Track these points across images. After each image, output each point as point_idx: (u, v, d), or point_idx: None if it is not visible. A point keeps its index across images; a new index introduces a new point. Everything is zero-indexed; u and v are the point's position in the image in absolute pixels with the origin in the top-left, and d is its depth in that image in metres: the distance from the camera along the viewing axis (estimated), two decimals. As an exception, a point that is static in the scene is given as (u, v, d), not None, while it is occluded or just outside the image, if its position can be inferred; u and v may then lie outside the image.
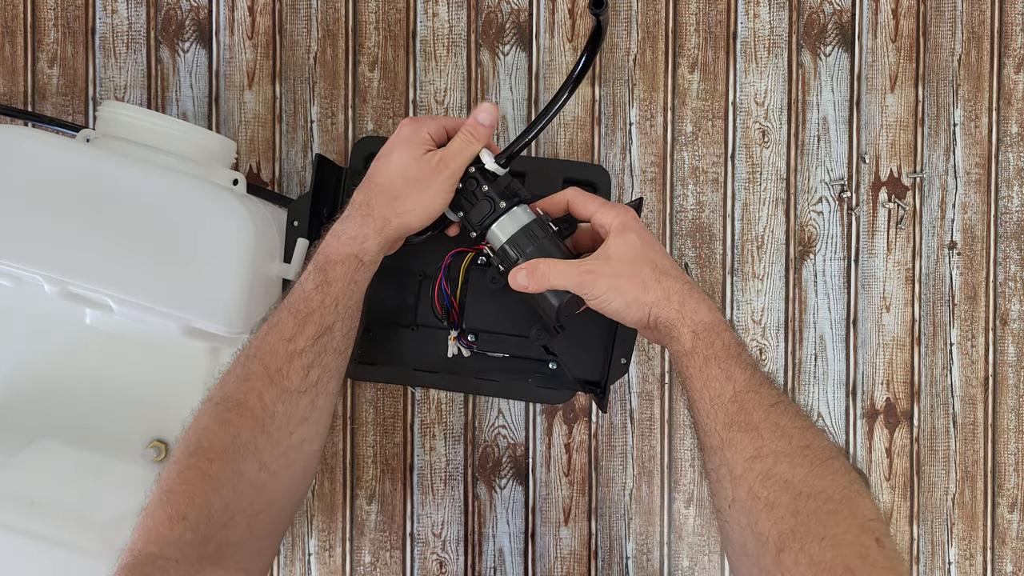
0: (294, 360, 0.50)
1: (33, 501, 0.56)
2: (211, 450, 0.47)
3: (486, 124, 0.55)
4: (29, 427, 0.65)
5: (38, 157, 0.56)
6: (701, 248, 0.74)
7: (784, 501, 0.44)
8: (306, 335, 0.51)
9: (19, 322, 0.65)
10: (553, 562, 0.74)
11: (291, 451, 0.50)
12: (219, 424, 0.48)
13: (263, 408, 0.49)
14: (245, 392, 0.49)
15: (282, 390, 0.50)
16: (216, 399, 0.50)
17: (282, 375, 0.50)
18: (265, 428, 0.49)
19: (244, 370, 0.50)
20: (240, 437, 0.48)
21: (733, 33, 0.74)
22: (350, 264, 0.53)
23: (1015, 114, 0.75)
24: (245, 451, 0.48)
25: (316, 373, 0.51)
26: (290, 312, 0.52)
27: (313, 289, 0.52)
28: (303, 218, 0.64)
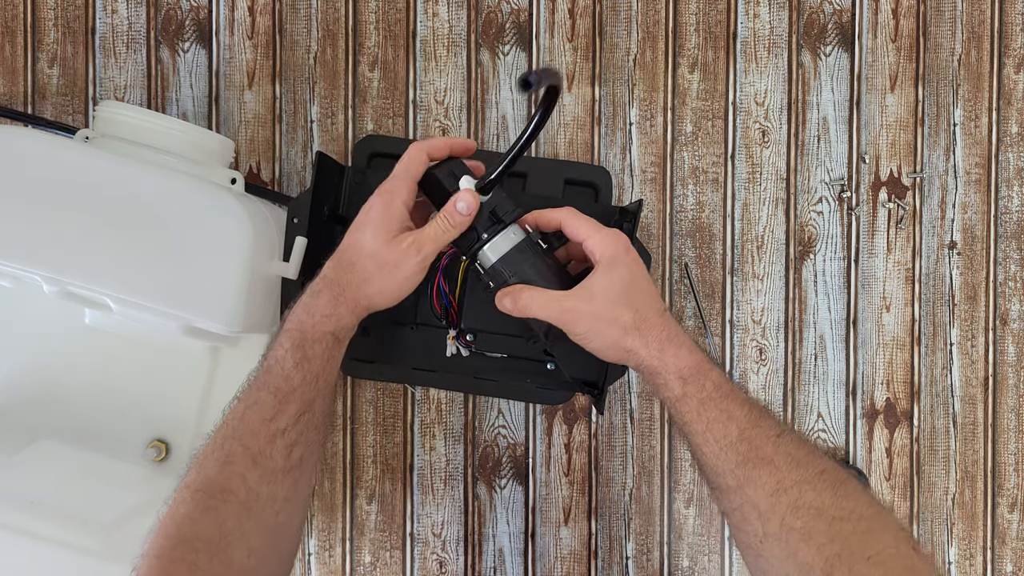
0: (277, 440, 0.49)
1: (33, 501, 0.56)
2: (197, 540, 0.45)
3: (464, 213, 0.52)
4: (29, 427, 0.65)
5: (36, 157, 0.56)
6: (701, 248, 0.74)
7: (820, 528, 0.45)
8: (288, 414, 0.50)
9: (19, 322, 0.65)
10: (553, 562, 0.74)
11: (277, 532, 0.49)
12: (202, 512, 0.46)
13: (248, 492, 0.47)
14: (227, 476, 0.47)
15: (266, 471, 0.48)
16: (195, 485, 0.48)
17: (265, 456, 0.48)
18: (251, 513, 0.47)
19: (224, 452, 0.48)
20: (226, 524, 0.46)
21: (733, 33, 0.74)
22: (327, 342, 0.52)
23: (1015, 114, 0.75)
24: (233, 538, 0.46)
25: (299, 451, 0.50)
26: (269, 391, 0.50)
27: (293, 367, 0.51)
28: (303, 215, 0.64)
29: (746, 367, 0.74)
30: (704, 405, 0.50)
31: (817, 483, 0.46)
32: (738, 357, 0.74)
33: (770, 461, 0.47)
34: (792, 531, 0.45)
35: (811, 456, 0.48)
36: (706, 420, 0.50)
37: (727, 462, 0.49)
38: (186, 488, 0.48)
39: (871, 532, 0.45)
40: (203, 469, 0.48)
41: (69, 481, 0.61)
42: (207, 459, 0.49)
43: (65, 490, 0.59)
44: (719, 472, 0.49)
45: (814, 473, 0.47)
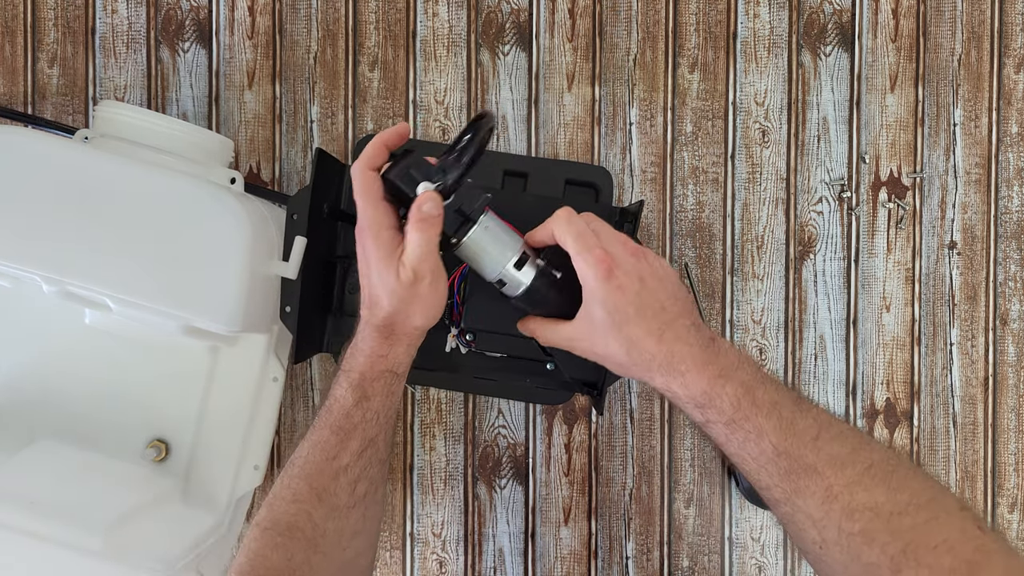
0: (340, 477, 0.51)
1: (33, 501, 0.56)
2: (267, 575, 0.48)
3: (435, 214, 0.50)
4: (29, 427, 0.65)
5: (35, 157, 0.56)
6: (701, 248, 0.74)
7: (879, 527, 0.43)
8: (350, 451, 0.51)
9: (18, 323, 0.65)
10: (553, 562, 0.74)
11: (346, 567, 0.51)
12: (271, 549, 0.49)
13: (314, 528, 0.49)
14: (294, 514, 0.50)
15: (331, 508, 0.50)
16: (265, 524, 0.50)
17: (329, 493, 0.50)
18: (318, 548, 0.49)
19: (291, 492, 0.51)
20: (295, 559, 0.48)
21: (733, 33, 0.74)
22: (386, 379, 0.53)
23: (1015, 114, 0.75)
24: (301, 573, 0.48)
25: (363, 487, 0.52)
26: (332, 430, 0.52)
27: (353, 406, 0.52)
28: (303, 212, 0.64)
29: (746, 367, 0.74)
30: (730, 428, 0.48)
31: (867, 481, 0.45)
32: (738, 357, 0.74)
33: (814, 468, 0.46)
34: (852, 536, 0.44)
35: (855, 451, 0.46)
36: (736, 442, 0.48)
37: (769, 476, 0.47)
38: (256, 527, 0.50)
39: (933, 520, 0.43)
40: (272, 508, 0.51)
41: (69, 481, 0.61)
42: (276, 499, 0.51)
43: (65, 490, 0.59)
44: (764, 487, 0.48)
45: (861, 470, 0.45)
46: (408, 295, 0.51)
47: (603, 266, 0.49)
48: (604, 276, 0.49)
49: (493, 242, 0.53)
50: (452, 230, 0.53)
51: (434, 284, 0.52)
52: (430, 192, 0.50)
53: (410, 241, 0.50)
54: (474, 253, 0.54)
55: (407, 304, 0.51)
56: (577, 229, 0.51)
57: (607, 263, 0.49)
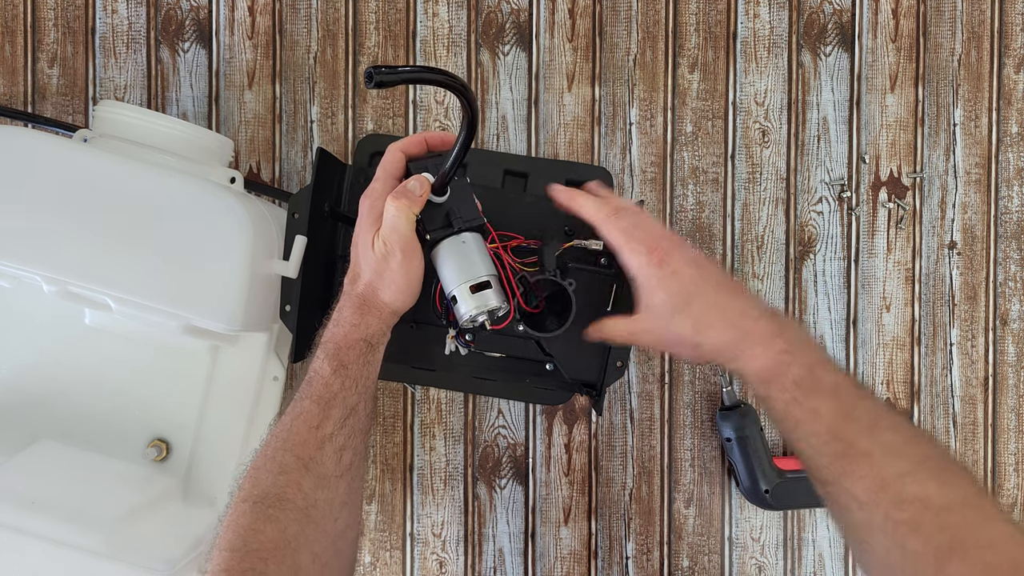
0: (326, 445, 0.50)
1: (34, 501, 0.56)
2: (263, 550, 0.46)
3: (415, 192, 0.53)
4: (30, 427, 0.65)
5: (35, 157, 0.56)
6: (701, 248, 0.74)
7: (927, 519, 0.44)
8: (333, 419, 0.51)
9: (19, 323, 0.65)
10: (553, 562, 0.74)
11: (338, 539, 0.50)
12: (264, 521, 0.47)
13: (305, 498, 0.48)
14: (283, 485, 0.49)
15: (319, 477, 0.49)
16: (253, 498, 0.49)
17: (317, 462, 0.50)
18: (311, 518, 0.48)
19: (276, 464, 0.50)
20: (289, 531, 0.47)
21: (733, 33, 0.74)
22: (360, 348, 0.53)
23: (1015, 114, 0.75)
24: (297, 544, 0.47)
25: (348, 456, 0.51)
26: (312, 399, 0.52)
27: (331, 374, 0.52)
28: (303, 211, 0.64)
29: (746, 367, 0.74)
30: (789, 407, 0.49)
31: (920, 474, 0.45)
32: (738, 357, 0.74)
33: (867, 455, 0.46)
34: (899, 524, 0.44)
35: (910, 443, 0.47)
36: (794, 420, 0.49)
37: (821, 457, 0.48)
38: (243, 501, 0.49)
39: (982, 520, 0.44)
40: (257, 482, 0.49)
41: (70, 481, 0.61)
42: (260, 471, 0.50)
43: (66, 490, 0.59)
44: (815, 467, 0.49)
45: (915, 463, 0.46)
46: (380, 268, 0.53)
47: (655, 255, 0.52)
48: (657, 264, 0.51)
49: (462, 258, 0.54)
50: (432, 226, 0.54)
51: (404, 263, 0.53)
52: (421, 176, 0.54)
53: (385, 209, 0.53)
54: (442, 260, 0.55)
55: (379, 277, 0.54)
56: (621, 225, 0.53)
57: (659, 253, 0.52)
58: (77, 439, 0.65)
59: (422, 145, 0.57)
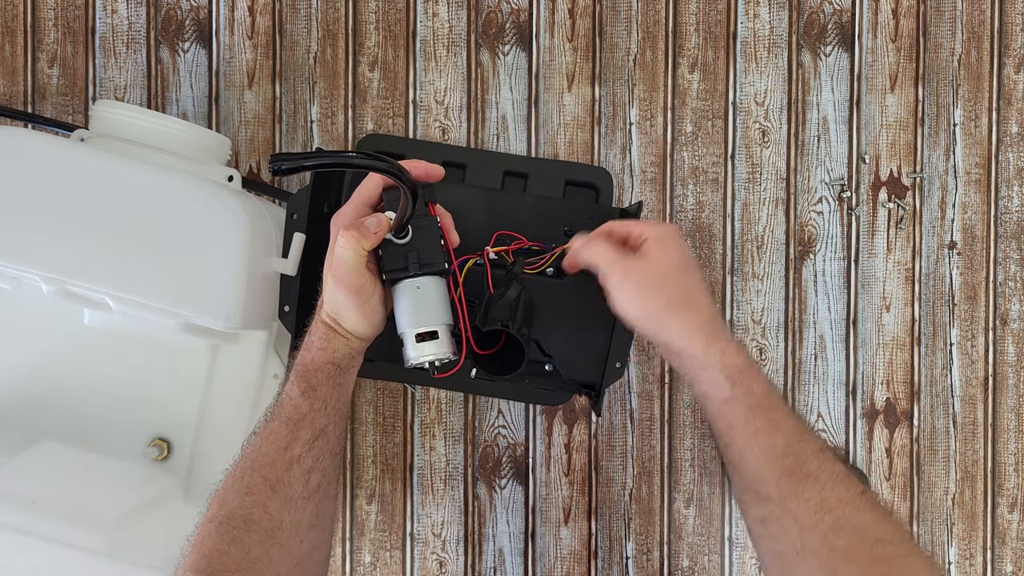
0: (293, 467, 0.50)
1: (35, 501, 0.56)
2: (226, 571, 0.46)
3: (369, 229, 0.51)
4: (30, 428, 0.65)
5: (33, 158, 0.56)
6: (701, 248, 0.74)
7: (862, 549, 0.45)
8: (301, 441, 0.51)
9: (18, 324, 0.65)
10: (553, 562, 0.74)
11: (304, 560, 0.50)
12: (229, 543, 0.47)
13: (270, 520, 0.48)
14: (249, 507, 0.48)
15: (286, 499, 0.49)
16: (219, 519, 0.48)
17: (284, 484, 0.49)
18: (276, 540, 0.48)
19: (244, 485, 0.50)
20: (253, 552, 0.47)
21: (733, 33, 0.74)
22: (329, 371, 0.53)
23: (1015, 114, 0.75)
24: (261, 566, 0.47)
25: (316, 478, 0.51)
26: (281, 421, 0.51)
27: (300, 395, 0.52)
28: (302, 212, 0.64)
29: (746, 367, 0.74)
30: (752, 412, 0.49)
31: (860, 503, 0.47)
32: (738, 357, 0.74)
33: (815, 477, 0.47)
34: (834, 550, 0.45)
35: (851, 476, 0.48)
36: (753, 428, 0.49)
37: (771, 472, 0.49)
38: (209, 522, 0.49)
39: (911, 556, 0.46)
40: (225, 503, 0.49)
41: (70, 481, 0.61)
42: (228, 492, 0.50)
43: (67, 489, 0.59)
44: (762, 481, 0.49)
45: (856, 493, 0.47)
46: (333, 298, 0.52)
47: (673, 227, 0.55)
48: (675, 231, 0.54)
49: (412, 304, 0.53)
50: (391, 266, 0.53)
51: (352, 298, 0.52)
52: (381, 215, 0.52)
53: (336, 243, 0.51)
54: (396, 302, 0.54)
55: (335, 306, 0.53)
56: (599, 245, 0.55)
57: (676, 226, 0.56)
58: (77, 439, 0.65)
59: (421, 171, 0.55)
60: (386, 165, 0.46)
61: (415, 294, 0.53)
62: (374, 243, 0.51)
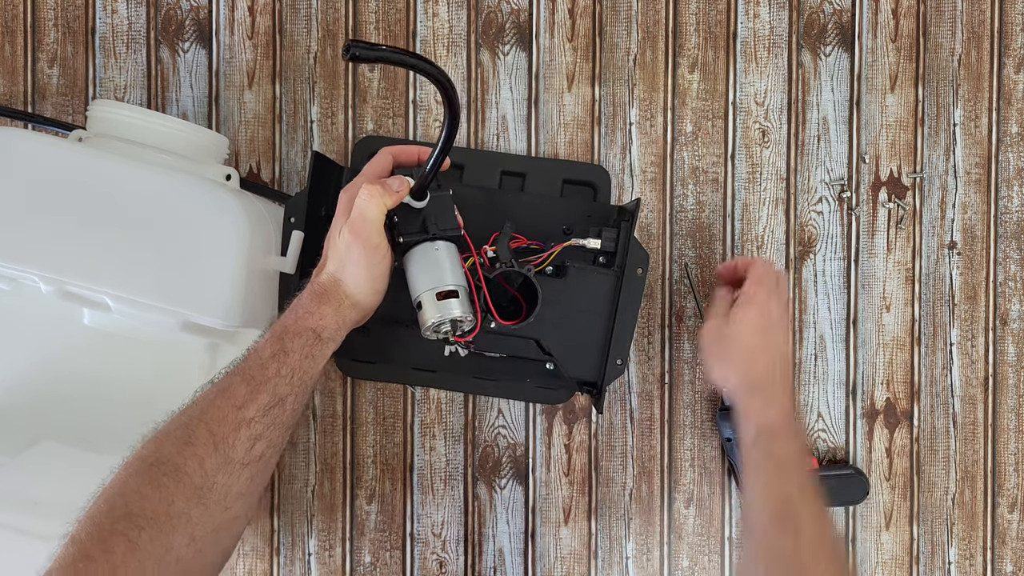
0: (242, 429, 0.47)
1: (36, 501, 0.56)
2: (141, 516, 0.43)
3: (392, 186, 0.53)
4: (30, 429, 0.65)
5: (30, 158, 0.56)
6: (701, 248, 0.74)
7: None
8: (258, 404, 0.48)
9: (18, 325, 0.65)
10: (553, 562, 0.74)
11: (222, 528, 0.47)
12: (152, 488, 0.44)
13: (203, 477, 0.45)
14: (186, 457, 0.45)
15: (225, 460, 0.46)
16: (150, 460, 0.45)
17: (228, 444, 0.47)
18: (202, 499, 0.45)
19: (187, 433, 0.47)
20: (175, 506, 0.44)
21: (733, 33, 0.74)
22: (308, 337, 0.51)
23: (1015, 114, 0.75)
24: (178, 522, 0.44)
25: (262, 447, 0.48)
26: (243, 378, 0.49)
27: (270, 357, 0.50)
28: (300, 215, 0.64)
29: (746, 367, 0.74)
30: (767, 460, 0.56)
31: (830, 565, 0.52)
32: (738, 357, 0.74)
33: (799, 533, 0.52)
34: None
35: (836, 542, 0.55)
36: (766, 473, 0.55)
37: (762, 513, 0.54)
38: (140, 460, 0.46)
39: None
40: (161, 445, 0.46)
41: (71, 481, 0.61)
42: (167, 436, 0.47)
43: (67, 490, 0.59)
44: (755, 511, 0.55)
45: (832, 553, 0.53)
46: (343, 256, 0.53)
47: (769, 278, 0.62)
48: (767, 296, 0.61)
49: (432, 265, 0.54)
50: (407, 230, 0.53)
51: (367, 254, 0.52)
52: (402, 176, 0.54)
53: (357, 196, 0.52)
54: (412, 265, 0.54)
55: (342, 266, 0.53)
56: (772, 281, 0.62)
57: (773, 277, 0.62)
58: (78, 439, 0.65)
59: (414, 157, 0.58)
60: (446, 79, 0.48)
61: (433, 256, 0.54)
62: (396, 201, 0.53)
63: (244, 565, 0.74)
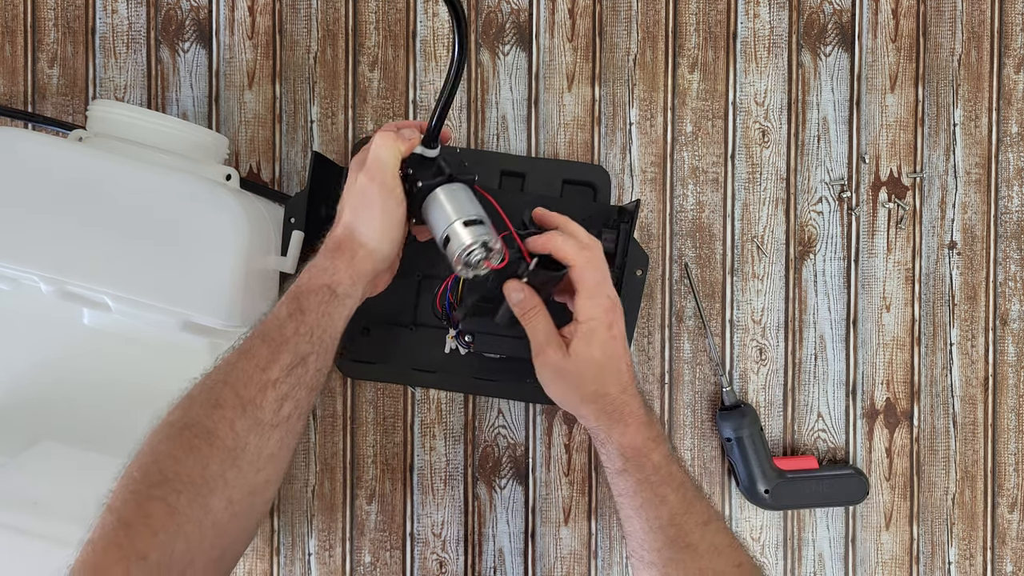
0: (268, 391, 0.47)
1: (36, 501, 0.56)
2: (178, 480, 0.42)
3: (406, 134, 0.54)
4: (30, 429, 0.65)
5: (30, 158, 0.56)
6: (701, 248, 0.74)
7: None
8: (280, 364, 0.48)
9: (17, 325, 0.65)
10: (553, 562, 0.74)
11: (256, 491, 0.47)
12: (187, 451, 0.44)
13: (235, 439, 0.45)
14: (216, 420, 0.45)
15: (255, 422, 0.46)
16: (180, 424, 0.45)
17: (255, 405, 0.46)
18: (236, 461, 0.45)
19: (213, 396, 0.46)
20: (210, 469, 0.44)
21: (733, 33, 0.74)
22: (323, 294, 0.51)
23: (1015, 114, 0.75)
24: (215, 485, 0.44)
25: (289, 407, 0.48)
26: (263, 340, 0.49)
27: (287, 317, 0.50)
28: (300, 215, 0.64)
29: (746, 367, 0.74)
30: (641, 486, 0.54)
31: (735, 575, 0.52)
32: (738, 357, 0.74)
33: (694, 548, 0.52)
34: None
35: (732, 547, 0.54)
36: (640, 500, 0.54)
37: (654, 542, 0.53)
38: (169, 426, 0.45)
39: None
40: (189, 409, 0.46)
41: (71, 481, 0.61)
42: (193, 402, 0.47)
43: (67, 490, 0.59)
44: (644, 548, 0.54)
45: (733, 565, 0.53)
46: (358, 203, 0.53)
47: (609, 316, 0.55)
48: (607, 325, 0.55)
49: (455, 200, 0.54)
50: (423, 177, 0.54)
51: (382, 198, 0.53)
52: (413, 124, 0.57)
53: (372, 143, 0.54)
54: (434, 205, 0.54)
55: (356, 214, 0.53)
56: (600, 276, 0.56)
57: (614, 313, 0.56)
58: (77, 439, 0.65)
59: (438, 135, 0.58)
60: None
61: (453, 193, 0.54)
62: (409, 148, 0.54)
63: (244, 565, 0.74)
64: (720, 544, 0.53)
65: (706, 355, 0.74)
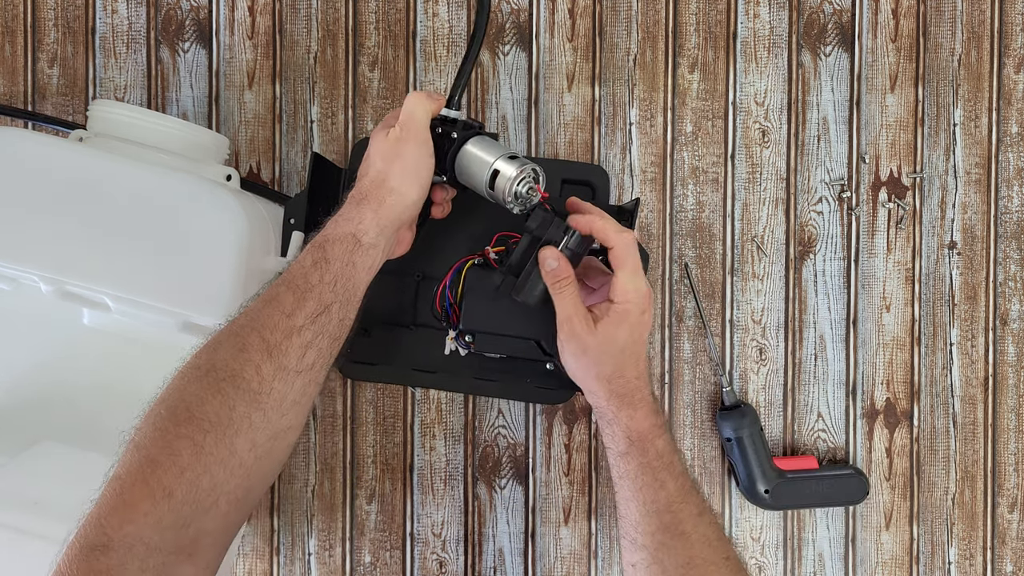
0: (293, 337, 0.47)
1: (36, 502, 0.56)
2: (205, 420, 0.43)
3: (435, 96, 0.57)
4: (30, 429, 0.65)
5: (30, 158, 0.56)
6: (701, 248, 0.74)
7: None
8: (305, 312, 0.48)
9: (17, 325, 0.65)
10: (553, 562, 0.74)
11: (279, 436, 0.47)
12: (213, 393, 0.44)
13: (261, 383, 0.46)
14: (242, 363, 0.46)
15: (280, 367, 0.47)
16: (206, 367, 0.46)
17: (281, 351, 0.47)
18: (261, 405, 0.45)
19: (240, 340, 0.47)
20: (236, 410, 0.44)
21: (733, 33, 0.74)
22: (348, 243, 0.52)
23: (1015, 114, 0.75)
24: (240, 427, 0.44)
25: (312, 355, 0.48)
26: (288, 287, 0.49)
27: (311, 265, 0.50)
28: (300, 215, 0.64)
29: (746, 367, 0.74)
30: (642, 469, 0.55)
31: (723, 567, 0.54)
32: (738, 357, 0.74)
33: (687, 536, 0.54)
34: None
35: (722, 541, 0.55)
36: (640, 484, 0.55)
37: (648, 525, 0.54)
38: (195, 368, 0.46)
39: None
40: (216, 353, 0.47)
41: (71, 481, 0.61)
42: (220, 345, 0.47)
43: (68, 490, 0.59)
44: (638, 531, 0.55)
45: (721, 557, 0.54)
46: (390, 153, 0.54)
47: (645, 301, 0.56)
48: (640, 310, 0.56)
49: (490, 145, 0.57)
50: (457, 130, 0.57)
51: (415, 149, 0.55)
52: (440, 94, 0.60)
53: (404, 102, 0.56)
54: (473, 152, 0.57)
55: (389, 162, 0.54)
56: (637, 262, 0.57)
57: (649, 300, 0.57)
58: (77, 439, 0.65)
59: None
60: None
61: (487, 141, 0.58)
62: (438, 107, 0.57)
63: (244, 565, 0.74)
64: (711, 536, 0.55)
65: (706, 355, 0.74)
